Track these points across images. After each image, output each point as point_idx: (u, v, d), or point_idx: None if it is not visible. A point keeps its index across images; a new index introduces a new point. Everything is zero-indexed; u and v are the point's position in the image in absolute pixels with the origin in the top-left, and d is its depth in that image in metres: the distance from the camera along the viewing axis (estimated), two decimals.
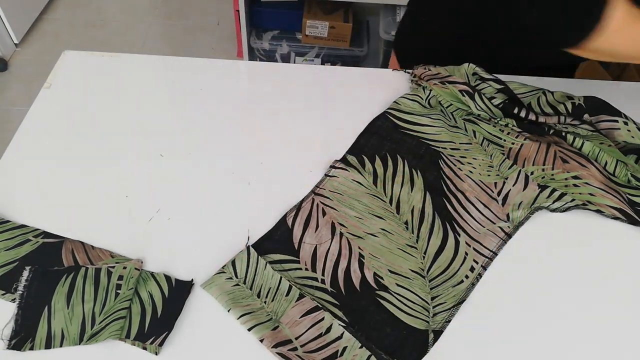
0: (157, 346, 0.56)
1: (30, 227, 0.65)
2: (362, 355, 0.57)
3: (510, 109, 0.78)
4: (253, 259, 0.63)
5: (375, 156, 0.75)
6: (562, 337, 0.60)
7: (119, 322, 0.57)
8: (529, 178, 0.73)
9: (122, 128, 0.78)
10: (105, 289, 0.59)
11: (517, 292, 0.63)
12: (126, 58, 0.89)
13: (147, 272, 0.62)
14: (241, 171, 0.74)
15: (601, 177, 0.74)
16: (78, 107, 0.81)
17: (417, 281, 0.63)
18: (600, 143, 0.77)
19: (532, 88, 0.84)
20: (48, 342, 0.55)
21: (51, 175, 0.72)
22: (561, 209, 0.71)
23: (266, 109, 0.82)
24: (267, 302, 0.60)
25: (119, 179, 0.72)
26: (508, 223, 0.69)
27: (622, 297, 0.63)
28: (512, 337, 0.59)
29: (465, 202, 0.71)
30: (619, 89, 0.89)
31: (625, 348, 0.59)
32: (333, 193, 0.71)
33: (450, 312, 0.61)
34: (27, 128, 0.78)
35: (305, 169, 0.74)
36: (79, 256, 0.63)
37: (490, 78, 0.83)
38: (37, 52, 2.17)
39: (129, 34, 2.29)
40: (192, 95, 0.83)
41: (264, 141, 0.78)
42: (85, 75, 0.86)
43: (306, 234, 0.67)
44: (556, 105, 0.81)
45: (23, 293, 0.58)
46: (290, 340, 0.57)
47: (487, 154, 0.76)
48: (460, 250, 0.66)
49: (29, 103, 0.84)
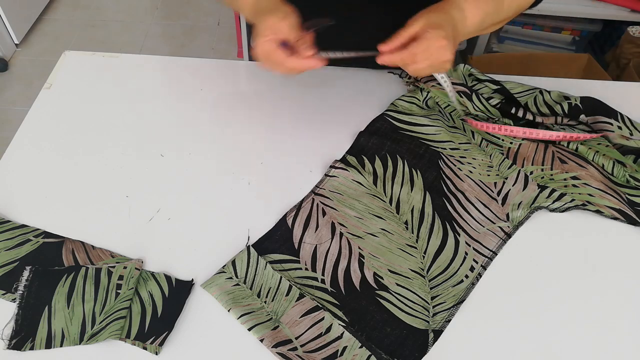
0: (157, 346, 0.56)
1: (30, 227, 0.65)
2: (362, 355, 0.57)
3: (507, 109, 0.78)
4: (253, 259, 0.63)
5: (375, 156, 0.75)
6: (562, 337, 0.60)
7: (119, 322, 0.57)
8: (529, 178, 0.73)
9: (122, 128, 0.78)
10: (105, 289, 0.59)
11: (517, 291, 0.63)
12: (126, 58, 0.89)
13: (147, 272, 0.62)
14: (241, 171, 0.74)
15: (600, 177, 0.74)
16: (78, 107, 0.81)
17: (417, 281, 0.63)
18: (597, 144, 0.77)
19: (529, 87, 0.84)
20: (48, 342, 0.56)
21: (51, 175, 0.72)
22: (561, 209, 0.71)
23: (266, 109, 0.82)
24: (267, 302, 0.60)
25: (119, 178, 0.72)
26: (508, 223, 0.69)
27: (622, 297, 0.63)
28: (512, 337, 0.59)
29: (465, 202, 0.71)
30: (619, 89, 0.89)
31: (625, 348, 0.59)
32: (333, 193, 0.71)
33: (450, 311, 0.61)
34: (27, 128, 0.78)
35: (305, 169, 0.74)
36: (80, 256, 0.63)
37: (486, 79, 0.83)
38: (37, 52, 2.17)
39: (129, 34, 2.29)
40: (192, 95, 0.83)
41: (264, 141, 0.78)
42: (85, 75, 0.86)
43: (306, 233, 0.67)
44: (553, 106, 0.81)
45: (23, 293, 0.58)
46: (290, 340, 0.58)
47: (487, 154, 0.76)
48: (460, 250, 0.66)
49: (29, 103, 0.84)
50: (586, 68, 1.61)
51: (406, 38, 0.62)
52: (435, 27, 0.61)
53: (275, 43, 0.61)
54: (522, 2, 0.72)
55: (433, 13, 0.63)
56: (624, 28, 1.65)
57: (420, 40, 0.61)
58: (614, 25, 1.79)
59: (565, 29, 1.82)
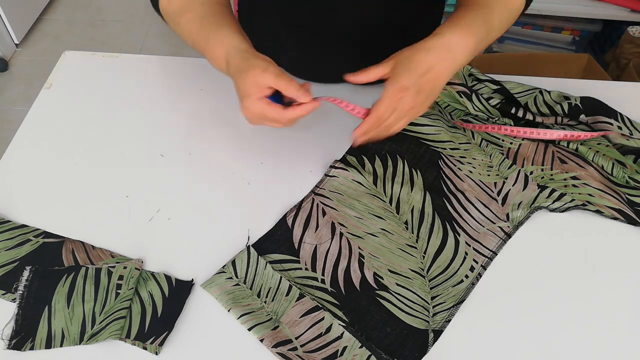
0: (157, 346, 0.56)
1: (30, 227, 0.65)
2: (362, 355, 0.57)
3: (507, 109, 0.78)
4: (253, 259, 0.63)
5: (375, 156, 0.75)
6: (562, 336, 0.60)
7: (119, 322, 0.57)
8: (529, 178, 0.73)
9: (122, 128, 0.78)
10: (105, 289, 0.59)
11: (517, 291, 0.63)
12: (126, 58, 0.89)
13: (147, 272, 0.62)
14: (241, 171, 0.74)
15: (600, 177, 0.74)
16: (78, 107, 0.81)
17: (417, 281, 0.63)
18: (597, 144, 0.77)
19: (529, 87, 0.84)
20: (48, 342, 0.56)
21: (51, 175, 0.72)
22: (561, 209, 0.71)
23: None
24: (267, 302, 0.60)
25: (119, 178, 0.72)
26: (508, 223, 0.69)
27: (622, 297, 0.63)
28: (511, 337, 0.59)
29: (465, 202, 0.71)
30: (619, 89, 0.89)
31: (625, 348, 0.59)
32: (333, 193, 0.71)
33: (450, 311, 0.61)
34: (27, 128, 0.78)
35: (305, 169, 0.74)
36: (80, 256, 0.63)
37: (486, 79, 0.83)
38: (37, 52, 2.17)
39: (129, 34, 2.29)
40: (192, 95, 0.83)
41: (264, 141, 0.78)
42: (85, 75, 0.86)
43: (306, 233, 0.67)
44: (553, 106, 0.81)
45: (23, 293, 0.58)
46: (290, 340, 0.58)
47: (487, 154, 0.76)
48: (460, 250, 0.66)
49: (29, 103, 0.84)
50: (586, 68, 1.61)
51: (375, 77, 0.60)
52: (403, 90, 0.58)
53: (264, 100, 0.57)
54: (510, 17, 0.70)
55: (410, 54, 0.60)
56: (624, 28, 1.65)
57: (385, 102, 0.58)
58: (614, 25, 1.79)
59: (565, 29, 1.82)
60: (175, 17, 0.68)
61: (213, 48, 0.63)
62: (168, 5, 0.68)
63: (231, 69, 0.61)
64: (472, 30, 0.63)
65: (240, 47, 0.61)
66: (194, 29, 0.65)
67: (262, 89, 0.57)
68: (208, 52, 0.64)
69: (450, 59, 0.61)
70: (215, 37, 0.63)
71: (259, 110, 0.58)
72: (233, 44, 0.62)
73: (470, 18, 0.64)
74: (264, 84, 0.57)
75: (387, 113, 0.60)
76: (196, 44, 0.66)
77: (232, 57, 0.61)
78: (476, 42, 0.63)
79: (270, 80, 0.57)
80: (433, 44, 0.61)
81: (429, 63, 0.59)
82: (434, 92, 0.61)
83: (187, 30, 0.66)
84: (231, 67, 0.61)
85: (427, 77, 0.59)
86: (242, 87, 0.58)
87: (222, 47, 0.62)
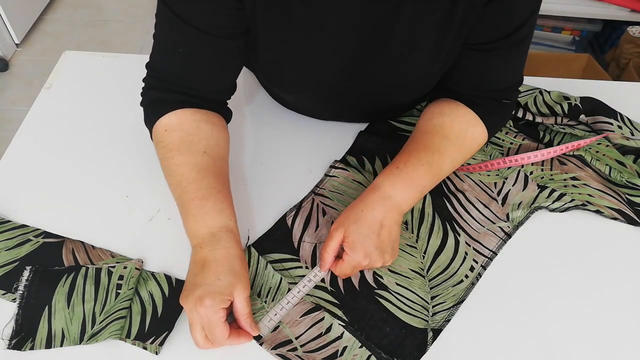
0: (157, 346, 0.56)
1: (30, 227, 0.65)
2: (362, 355, 0.57)
3: None
4: (254, 259, 0.63)
5: (375, 156, 0.75)
6: (561, 336, 0.60)
7: (119, 321, 0.57)
8: (529, 178, 0.73)
9: (122, 128, 0.78)
10: (105, 289, 0.59)
11: (516, 291, 0.63)
12: (126, 58, 0.89)
13: (147, 272, 0.62)
14: (241, 171, 0.74)
15: (599, 177, 0.74)
16: (78, 107, 0.81)
17: (417, 280, 0.63)
18: (597, 143, 0.77)
19: (529, 87, 0.84)
20: (48, 342, 0.56)
21: (51, 175, 0.72)
22: (561, 209, 0.71)
23: (266, 108, 0.82)
24: (267, 302, 0.60)
25: (119, 178, 0.72)
26: (508, 223, 0.69)
27: (622, 297, 0.63)
28: (511, 337, 0.59)
29: (465, 202, 0.71)
30: (619, 89, 0.89)
31: (625, 347, 0.59)
32: (333, 193, 0.71)
33: (450, 311, 0.61)
34: (27, 128, 0.78)
35: (305, 169, 0.74)
36: (80, 256, 0.63)
37: None
38: (37, 52, 2.17)
39: (129, 34, 2.29)
40: None
41: (264, 141, 0.78)
42: (85, 75, 0.86)
43: (306, 233, 0.67)
44: (553, 106, 0.81)
45: (23, 293, 0.58)
46: (290, 340, 0.58)
47: (487, 154, 0.76)
48: (460, 249, 0.66)
49: (29, 103, 0.84)
50: (586, 68, 1.61)
51: (332, 258, 0.61)
52: (366, 258, 0.58)
53: (224, 316, 0.53)
54: (468, 154, 0.69)
55: (355, 217, 0.60)
56: (624, 28, 1.65)
57: (345, 263, 0.59)
58: (614, 25, 1.79)
59: (565, 29, 1.82)
60: (168, 150, 0.63)
61: (198, 220, 0.59)
62: (166, 134, 0.64)
63: (204, 262, 0.56)
64: (414, 184, 0.63)
65: (225, 245, 0.57)
66: (191, 177, 0.61)
67: (227, 304, 0.53)
68: (191, 217, 0.59)
69: (396, 209, 0.62)
70: (207, 213, 0.59)
71: (211, 322, 0.53)
72: (218, 235, 0.58)
73: (411, 169, 0.63)
74: (237, 300, 0.54)
75: (354, 272, 0.62)
76: (184, 194, 0.60)
77: (211, 252, 0.57)
78: (420, 191, 0.64)
79: (243, 301, 0.54)
80: (375, 200, 0.62)
81: (378, 220, 0.60)
82: (394, 243, 0.62)
83: (179, 173, 0.61)
84: (205, 261, 0.56)
85: (382, 234, 0.60)
86: (207, 311, 0.52)
87: (206, 227, 0.58)
